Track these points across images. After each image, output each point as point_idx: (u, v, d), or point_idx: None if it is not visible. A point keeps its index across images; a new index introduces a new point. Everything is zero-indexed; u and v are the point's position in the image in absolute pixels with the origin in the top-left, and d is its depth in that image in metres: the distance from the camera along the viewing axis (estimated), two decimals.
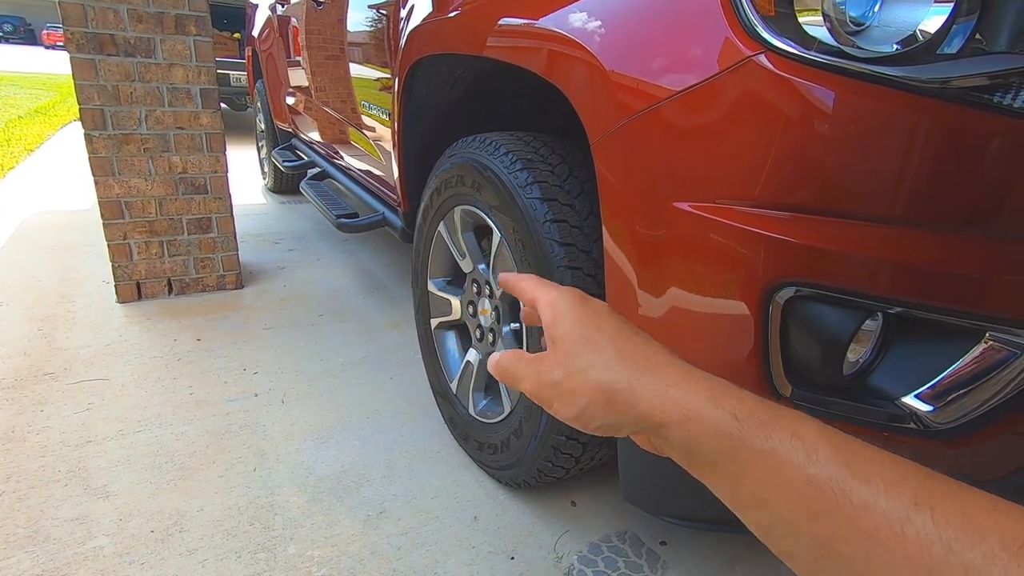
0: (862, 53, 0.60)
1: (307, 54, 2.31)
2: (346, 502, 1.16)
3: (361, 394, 1.54)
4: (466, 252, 1.23)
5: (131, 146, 1.84)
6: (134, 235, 1.93)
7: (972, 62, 0.58)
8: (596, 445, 1.01)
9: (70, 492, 1.13)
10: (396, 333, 1.90)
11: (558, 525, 1.14)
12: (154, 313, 1.91)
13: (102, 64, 1.73)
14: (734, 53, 0.64)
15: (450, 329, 1.40)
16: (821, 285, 0.65)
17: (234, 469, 1.23)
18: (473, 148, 1.13)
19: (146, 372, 1.56)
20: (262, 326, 1.88)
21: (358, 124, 1.89)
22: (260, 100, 3.55)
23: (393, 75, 1.43)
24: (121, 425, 1.34)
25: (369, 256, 2.62)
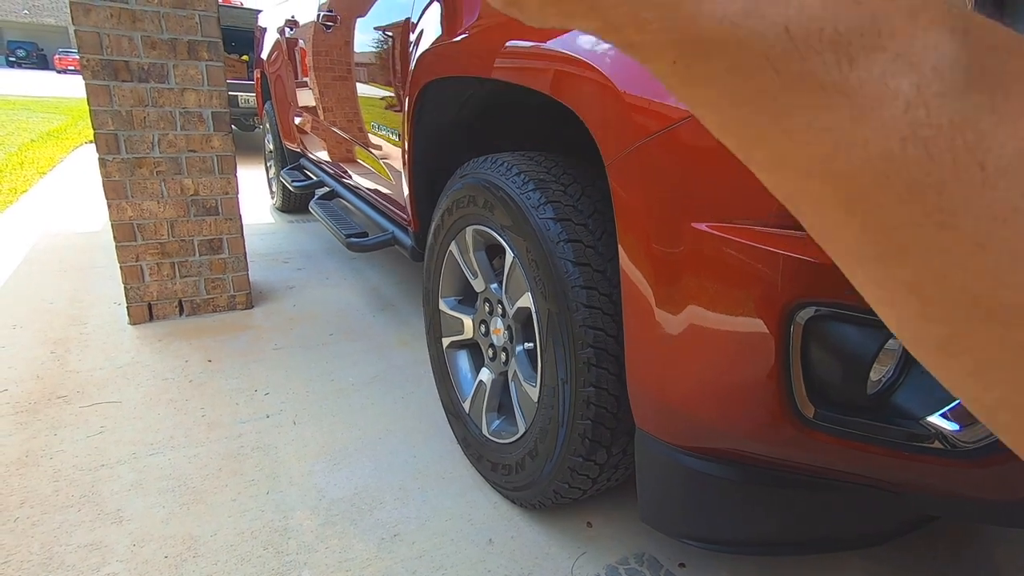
0: None
1: (315, 76, 2.34)
2: (360, 525, 1.15)
3: (372, 414, 1.53)
4: (478, 271, 1.23)
5: (144, 169, 1.87)
6: (146, 257, 1.95)
7: None
8: (613, 466, 1.00)
9: (84, 517, 1.13)
10: (406, 351, 1.90)
11: (575, 547, 1.13)
12: (165, 334, 1.91)
13: (116, 90, 1.76)
14: None
15: (462, 348, 1.39)
16: (842, 304, 0.64)
17: (247, 492, 1.22)
18: (485, 168, 1.14)
19: (158, 394, 1.56)
20: (272, 346, 1.88)
21: (366, 144, 1.91)
22: (269, 121, 3.60)
23: (403, 97, 1.45)
24: (134, 448, 1.34)
25: (378, 275, 2.63)
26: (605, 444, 0.96)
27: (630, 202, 0.78)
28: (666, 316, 0.75)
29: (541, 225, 0.97)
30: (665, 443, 0.82)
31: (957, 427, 0.66)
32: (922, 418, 0.68)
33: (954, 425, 0.66)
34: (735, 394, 0.73)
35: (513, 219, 1.03)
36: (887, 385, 0.71)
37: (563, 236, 0.94)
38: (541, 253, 0.97)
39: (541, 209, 0.98)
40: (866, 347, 0.66)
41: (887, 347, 0.66)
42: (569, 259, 0.93)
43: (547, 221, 0.96)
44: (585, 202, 0.98)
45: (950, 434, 0.67)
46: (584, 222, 0.95)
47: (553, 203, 0.97)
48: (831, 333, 0.66)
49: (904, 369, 0.70)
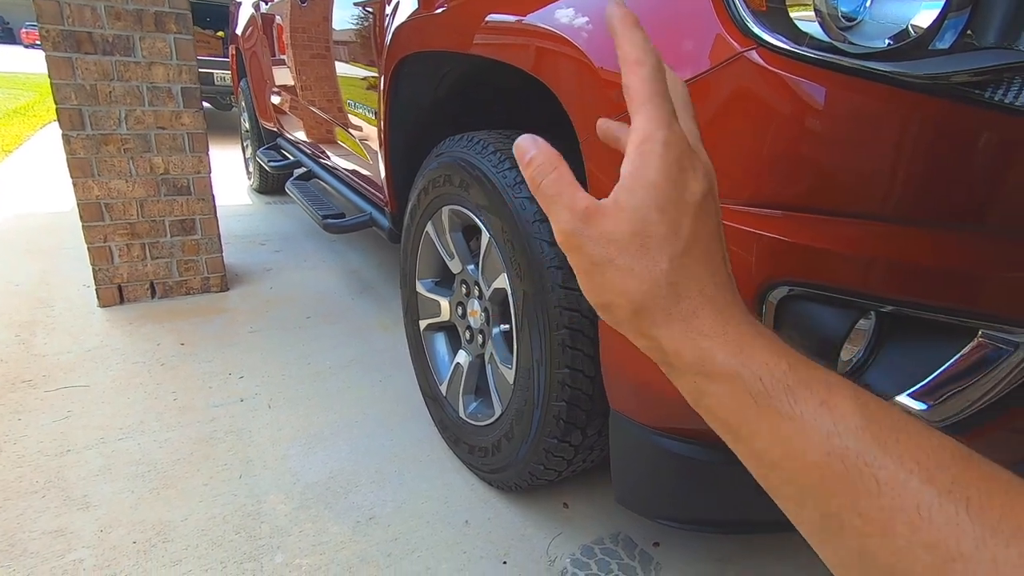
0: (854, 48, 0.59)
1: (292, 52, 2.27)
2: (335, 508, 1.14)
3: (350, 398, 1.52)
4: (455, 253, 1.21)
5: (111, 147, 1.80)
6: (115, 238, 1.89)
7: (964, 58, 0.57)
8: (588, 448, 1.00)
9: (48, 504, 1.10)
10: (385, 335, 1.88)
11: (551, 528, 1.13)
12: (136, 317, 1.87)
13: (79, 63, 1.69)
14: (725, 49, 0.62)
15: (439, 331, 1.38)
16: (814, 284, 0.64)
17: (219, 476, 1.20)
18: (460, 147, 1.11)
19: (128, 378, 1.53)
20: (248, 329, 1.85)
21: (344, 123, 1.87)
22: (244, 99, 3.50)
23: (379, 73, 1.41)
24: (102, 433, 1.31)
25: (358, 257, 2.59)
26: (580, 425, 0.95)
27: (604, 180, 0.76)
28: None
29: (517, 204, 0.95)
30: (639, 424, 0.82)
31: (925, 406, 0.66)
32: (892, 397, 0.69)
33: (923, 404, 0.66)
34: None
35: (489, 198, 1.01)
36: (858, 365, 0.71)
37: (539, 216, 0.92)
38: (517, 233, 0.95)
39: (517, 188, 0.96)
40: (837, 327, 0.66)
41: (858, 327, 0.66)
42: (545, 239, 0.91)
43: (523, 200, 0.94)
44: None
45: (919, 413, 0.67)
46: None
47: None
48: (803, 313, 0.66)
49: (874, 349, 0.70)
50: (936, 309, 0.64)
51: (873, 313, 0.67)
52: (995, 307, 0.65)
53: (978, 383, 0.67)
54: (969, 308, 0.65)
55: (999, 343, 0.66)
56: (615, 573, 1.04)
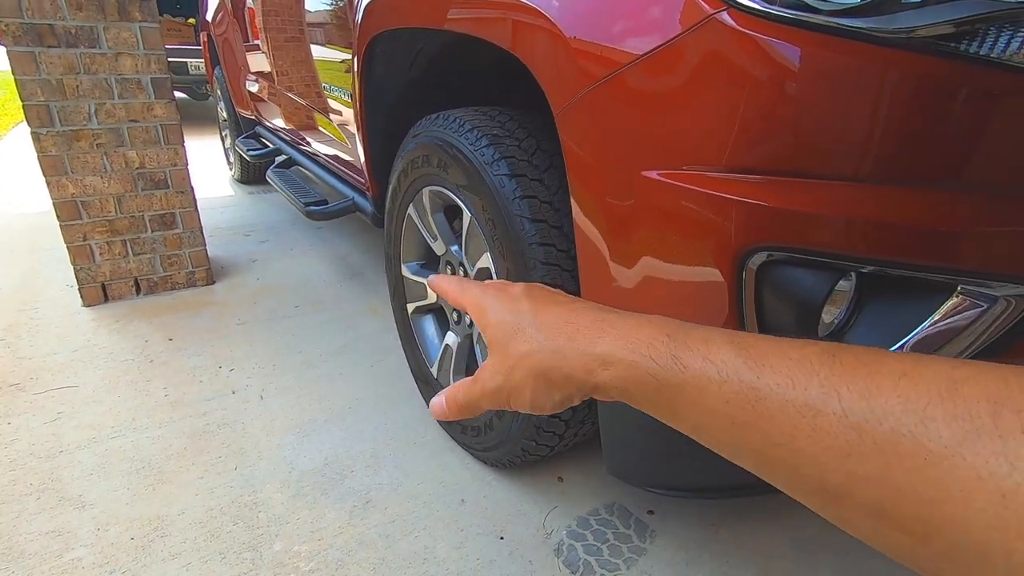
0: (826, 5, 0.58)
1: (265, 37, 2.21)
2: (331, 495, 1.15)
3: (342, 384, 1.52)
4: (437, 234, 1.20)
5: (82, 142, 1.76)
6: (94, 235, 1.86)
7: (937, 9, 0.56)
8: (578, 422, 1.01)
9: (44, 505, 1.10)
10: (375, 320, 1.87)
11: (546, 502, 1.14)
12: (122, 315, 1.85)
13: (43, 56, 1.64)
14: (696, 12, 0.61)
15: (427, 313, 1.37)
16: (793, 248, 0.64)
17: (214, 469, 1.21)
18: (437, 126, 1.09)
19: (117, 376, 1.52)
20: (236, 321, 1.83)
21: (321, 107, 1.83)
22: (220, 88, 3.42)
23: (352, 53, 1.38)
24: (94, 432, 1.30)
25: (345, 243, 2.57)
26: None
27: (579, 153, 0.75)
28: (620, 269, 0.74)
29: (496, 182, 0.94)
30: None
31: None
32: None
33: None
34: None
35: (468, 177, 1.00)
36: (839, 327, 0.71)
37: (518, 192, 0.91)
38: (497, 211, 0.94)
39: (495, 165, 0.94)
40: (818, 289, 0.66)
41: (838, 288, 0.66)
42: (525, 216, 0.90)
43: (502, 178, 0.93)
44: (540, 156, 0.95)
45: None
46: (539, 177, 0.92)
47: (507, 159, 0.94)
48: (783, 277, 0.66)
49: (855, 311, 0.70)
50: (915, 267, 0.65)
51: (853, 274, 0.67)
52: (973, 262, 0.65)
53: (959, 338, 0.67)
54: (947, 265, 0.65)
55: (978, 298, 0.66)
56: (611, 542, 1.06)
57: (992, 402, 0.18)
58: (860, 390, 0.21)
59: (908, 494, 0.19)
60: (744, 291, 0.66)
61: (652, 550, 1.04)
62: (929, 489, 0.18)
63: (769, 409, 0.23)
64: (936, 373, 0.20)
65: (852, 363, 0.22)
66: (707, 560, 1.03)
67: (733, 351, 0.25)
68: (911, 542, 0.19)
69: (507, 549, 1.04)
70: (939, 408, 0.19)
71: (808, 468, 0.22)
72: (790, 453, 0.22)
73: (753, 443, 0.24)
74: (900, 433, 0.19)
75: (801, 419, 0.22)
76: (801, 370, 0.22)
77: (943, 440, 0.18)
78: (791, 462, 0.22)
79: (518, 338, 0.32)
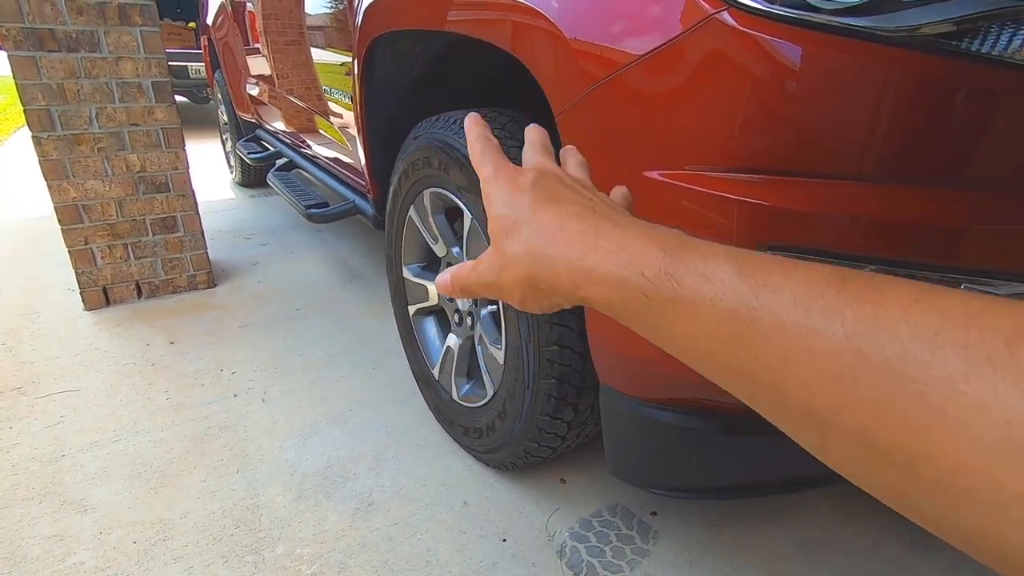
0: (827, 4, 0.58)
1: (265, 40, 2.22)
2: (333, 497, 1.15)
3: (343, 387, 1.51)
4: (439, 236, 1.20)
5: (83, 146, 1.76)
6: (96, 239, 1.86)
7: (938, 8, 0.56)
8: (580, 423, 1.00)
9: (46, 509, 1.10)
10: (376, 322, 1.87)
11: (548, 504, 1.14)
12: (124, 318, 1.85)
13: (44, 61, 1.64)
14: (696, 12, 0.61)
15: (428, 315, 1.37)
16: (795, 247, 0.64)
17: (216, 472, 1.20)
18: (437, 128, 1.09)
19: (119, 380, 1.52)
20: (237, 324, 1.83)
21: (322, 110, 1.83)
22: (220, 91, 3.43)
23: (352, 56, 1.38)
24: (96, 436, 1.30)
25: (345, 246, 2.57)
26: (572, 401, 0.96)
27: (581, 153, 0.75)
28: None
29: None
30: (628, 396, 0.82)
31: None
32: None
33: None
34: None
35: (469, 179, 1.00)
36: None
37: None
38: None
39: None
40: None
41: None
42: None
43: None
44: None
45: None
46: None
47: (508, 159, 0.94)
48: None
49: None
50: (918, 266, 0.64)
51: None
52: (975, 261, 0.65)
53: None
54: (950, 263, 0.65)
55: None
56: (614, 544, 1.05)
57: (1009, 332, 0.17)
58: (866, 313, 0.19)
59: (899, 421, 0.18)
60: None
61: (655, 551, 1.04)
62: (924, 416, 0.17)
63: (764, 330, 0.22)
64: (951, 302, 0.18)
65: (861, 287, 0.20)
66: (710, 561, 1.02)
67: (733, 268, 0.23)
68: (894, 472, 0.19)
69: (510, 551, 1.04)
70: (949, 335, 0.18)
71: (796, 391, 0.21)
72: (780, 376, 0.21)
73: (741, 363, 0.23)
74: (903, 359, 0.18)
75: (797, 340, 0.21)
76: (805, 291, 0.21)
77: (949, 366, 0.17)
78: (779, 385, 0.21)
79: (512, 237, 0.30)
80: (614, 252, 0.27)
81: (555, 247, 0.29)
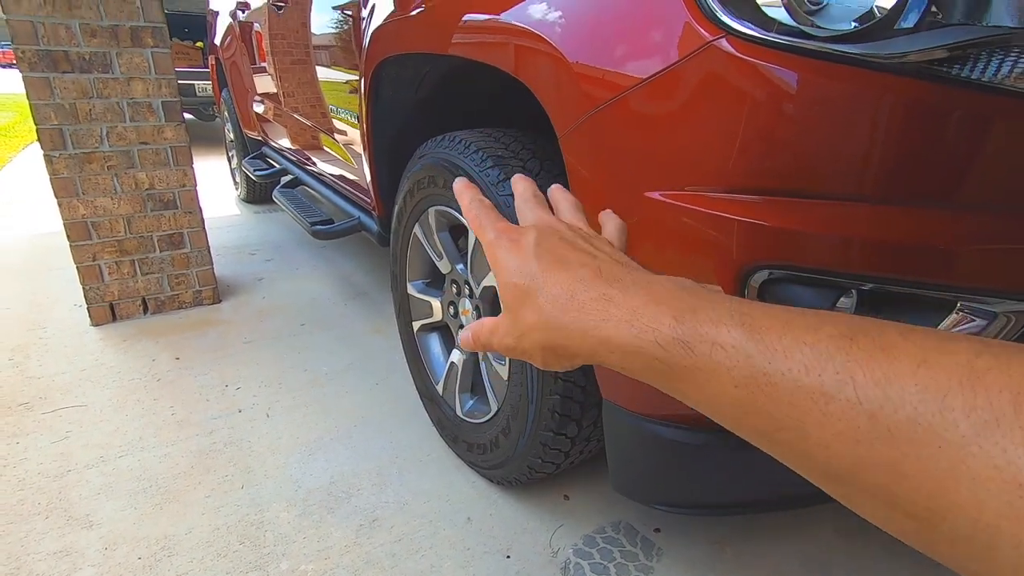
0: (821, 32, 0.60)
1: (272, 60, 2.26)
2: (337, 513, 1.15)
3: (347, 403, 1.52)
4: (443, 253, 1.22)
5: (94, 164, 1.79)
6: (104, 255, 1.88)
7: (929, 36, 0.58)
8: (584, 439, 1.01)
9: (52, 524, 1.10)
10: (380, 338, 1.88)
11: (552, 520, 1.14)
12: (130, 334, 1.86)
13: (57, 82, 1.68)
14: (695, 39, 0.63)
15: (433, 331, 1.39)
16: (794, 266, 0.65)
17: (221, 488, 1.21)
18: (443, 147, 1.12)
19: (125, 395, 1.53)
20: (242, 340, 1.85)
21: (328, 128, 1.86)
22: (227, 110, 3.48)
23: (359, 77, 1.41)
24: (102, 452, 1.31)
25: (349, 262, 2.59)
26: (575, 417, 0.97)
27: (584, 174, 0.77)
28: None
29: (501, 203, 0.95)
30: (630, 412, 0.83)
31: None
32: None
33: None
34: None
35: None
36: None
37: None
38: None
39: (500, 186, 0.96)
40: (818, 306, 0.67)
41: (839, 305, 0.67)
42: None
43: (507, 198, 0.95)
44: (544, 177, 0.97)
45: None
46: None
47: None
48: (784, 295, 0.67)
49: None
50: (915, 284, 0.66)
51: (854, 291, 0.68)
52: (972, 279, 0.66)
53: None
54: (947, 282, 0.66)
55: (978, 314, 0.67)
56: (617, 561, 1.05)
57: (1015, 392, 0.17)
58: (876, 378, 0.20)
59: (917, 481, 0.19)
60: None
61: (659, 568, 1.04)
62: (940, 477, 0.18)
63: (779, 394, 0.22)
64: (957, 362, 0.19)
65: (869, 348, 0.21)
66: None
67: (744, 334, 0.24)
68: (916, 526, 0.19)
69: (514, 568, 1.04)
70: (958, 398, 0.18)
71: (815, 452, 0.22)
72: (798, 438, 0.22)
73: (760, 426, 0.24)
74: (915, 422, 0.19)
75: (812, 405, 0.21)
76: (815, 357, 0.22)
77: (960, 429, 0.18)
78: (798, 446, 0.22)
79: (526, 307, 0.31)
80: (627, 321, 0.27)
81: (568, 317, 0.29)
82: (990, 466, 0.17)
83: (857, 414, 0.20)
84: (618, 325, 0.28)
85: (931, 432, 0.18)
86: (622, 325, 0.27)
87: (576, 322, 0.29)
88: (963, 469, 0.17)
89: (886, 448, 0.19)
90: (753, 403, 0.23)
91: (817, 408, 0.21)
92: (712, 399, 0.25)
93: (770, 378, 0.23)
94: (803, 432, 0.22)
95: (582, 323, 0.29)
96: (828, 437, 0.21)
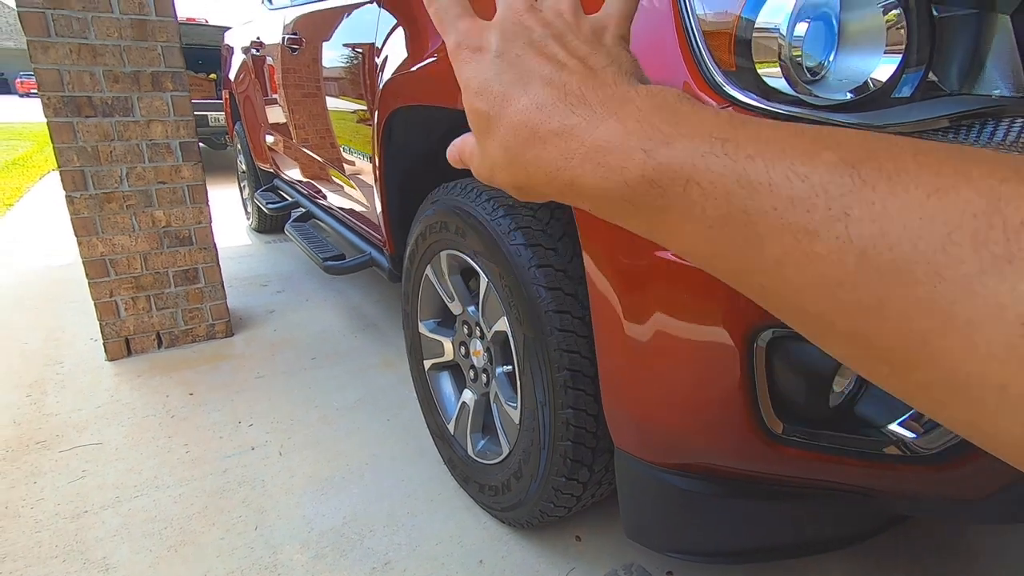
0: (819, 101, 0.63)
1: (285, 96, 2.33)
2: (350, 556, 1.15)
3: (358, 440, 1.53)
4: (455, 295, 1.24)
5: (113, 204, 1.84)
6: (120, 292, 1.92)
7: (924, 106, 0.61)
8: (596, 483, 1.02)
9: (69, 568, 1.12)
10: (390, 372, 1.90)
11: (564, 563, 1.14)
12: (144, 369, 1.89)
13: (80, 126, 1.74)
14: None
15: (444, 370, 1.40)
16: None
17: (235, 529, 1.22)
18: (455, 194, 1.15)
19: (140, 433, 1.55)
20: (254, 375, 1.87)
21: (339, 167, 1.91)
22: (240, 142, 3.56)
23: (371, 123, 1.45)
24: (117, 492, 1.32)
25: (357, 294, 2.62)
26: (587, 463, 0.98)
27: (593, 226, 0.79)
28: (634, 340, 0.77)
29: (512, 251, 0.98)
30: (643, 461, 0.84)
31: (914, 435, 0.69)
32: (883, 427, 0.71)
33: (912, 433, 0.69)
34: (706, 415, 0.75)
35: (485, 245, 1.05)
36: (850, 396, 0.74)
37: (534, 262, 0.95)
38: (514, 279, 0.98)
39: (512, 235, 0.99)
40: (827, 362, 0.69)
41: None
42: (541, 284, 0.94)
43: (518, 247, 0.98)
44: (555, 226, 0.99)
45: (909, 441, 0.70)
46: (554, 246, 0.97)
47: (523, 229, 0.99)
48: (792, 352, 0.69)
49: (865, 381, 0.72)
50: None
51: None
52: None
53: None
54: None
55: None
56: None
57: None
58: (875, 212, 0.17)
59: (900, 326, 0.17)
60: (755, 366, 0.69)
61: None
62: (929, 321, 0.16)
63: (758, 233, 0.19)
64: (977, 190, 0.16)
65: (873, 176, 0.18)
66: None
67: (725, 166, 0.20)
68: (887, 371, 0.18)
69: None
70: (968, 231, 0.15)
71: (791, 297, 0.19)
72: (773, 280, 0.20)
73: (734, 267, 0.21)
74: (911, 260, 0.16)
75: (795, 245, 0.19)
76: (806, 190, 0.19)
77: (964, 267, 0.15)
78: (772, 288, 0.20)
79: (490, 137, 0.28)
80: (592, 160, 0.24)
81: (531, 155, 0.26)
82: (993, 304, 0.15)
83: (845, 253, 0.18)
84: (583, 164, 0.24)
85: (928, 270, 0.16)
86: (587, 165, 0.24)
87: (538, 161, 0.26)
88: (959, 310, 0.15)
89: (871, 290, 0.17)
90: (730, 243, 0.20)
91: (800, 248, 0.19)
92: (685, 240, 0.22)
93: (750, 217, 0.20)
94: (780, 275, 0.19)
95: (545, 163, 0.25)
96: (807, 280, 0.19)
